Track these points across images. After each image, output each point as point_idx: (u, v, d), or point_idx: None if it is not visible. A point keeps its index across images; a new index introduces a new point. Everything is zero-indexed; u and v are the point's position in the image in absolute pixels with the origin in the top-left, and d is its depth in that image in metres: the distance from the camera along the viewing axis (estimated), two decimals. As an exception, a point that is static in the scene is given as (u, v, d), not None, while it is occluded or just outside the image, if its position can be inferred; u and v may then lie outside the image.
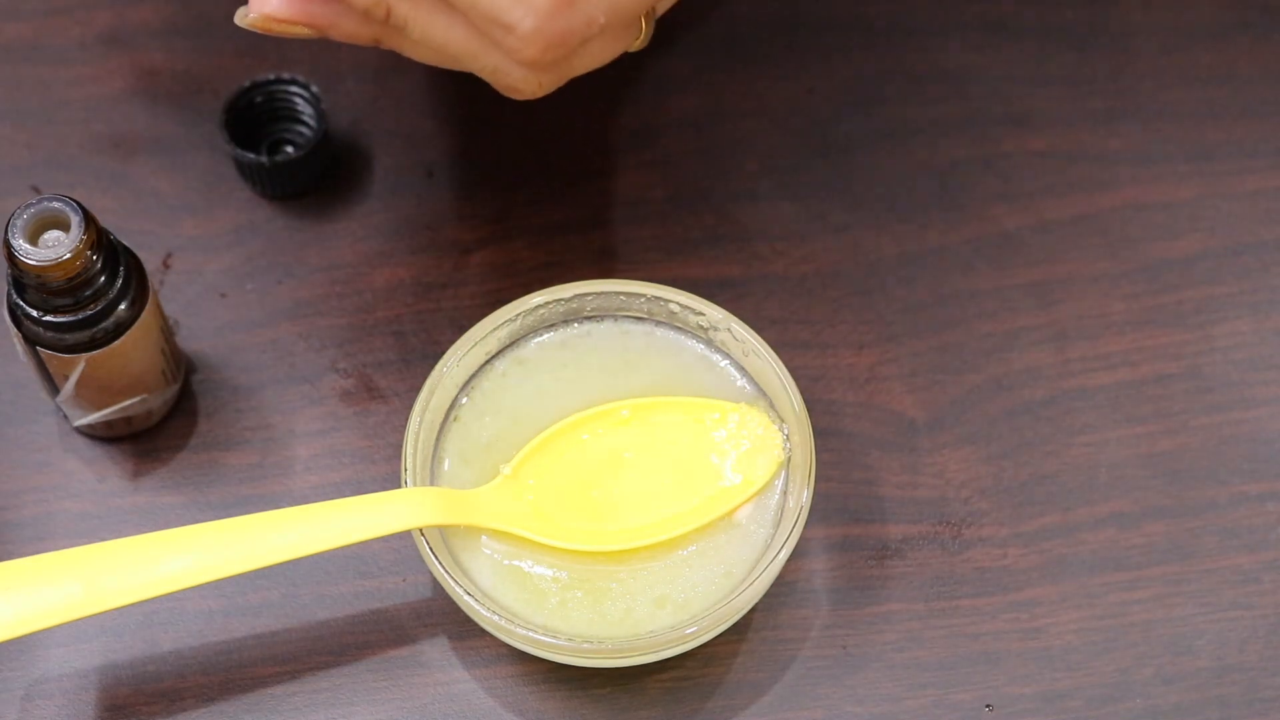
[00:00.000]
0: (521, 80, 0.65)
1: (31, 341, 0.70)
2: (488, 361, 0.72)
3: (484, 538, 0.69)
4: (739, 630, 0.71)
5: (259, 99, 0.79)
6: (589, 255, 0.78)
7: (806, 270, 0.78)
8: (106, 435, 0.75)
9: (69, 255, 0.67)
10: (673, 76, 0.82)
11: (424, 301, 0.78)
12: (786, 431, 0.70)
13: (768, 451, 0.70)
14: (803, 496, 0.68)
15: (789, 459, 0.70)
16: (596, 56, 0.67)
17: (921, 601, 0.72)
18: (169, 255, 0.78)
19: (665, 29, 0.83)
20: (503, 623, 0.67)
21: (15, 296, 0.69)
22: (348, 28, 0.66)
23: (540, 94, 0.67)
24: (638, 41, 0.68)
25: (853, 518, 0.74)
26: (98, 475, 0.74)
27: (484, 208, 0.79)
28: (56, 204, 0.68)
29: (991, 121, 0.81)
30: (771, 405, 0.71)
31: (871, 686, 0.71)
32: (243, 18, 0.67)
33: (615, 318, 0.73)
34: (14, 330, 0.70)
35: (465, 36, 0.65)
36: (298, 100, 0.79)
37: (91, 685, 0.71)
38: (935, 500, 0.74)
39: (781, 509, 0.70)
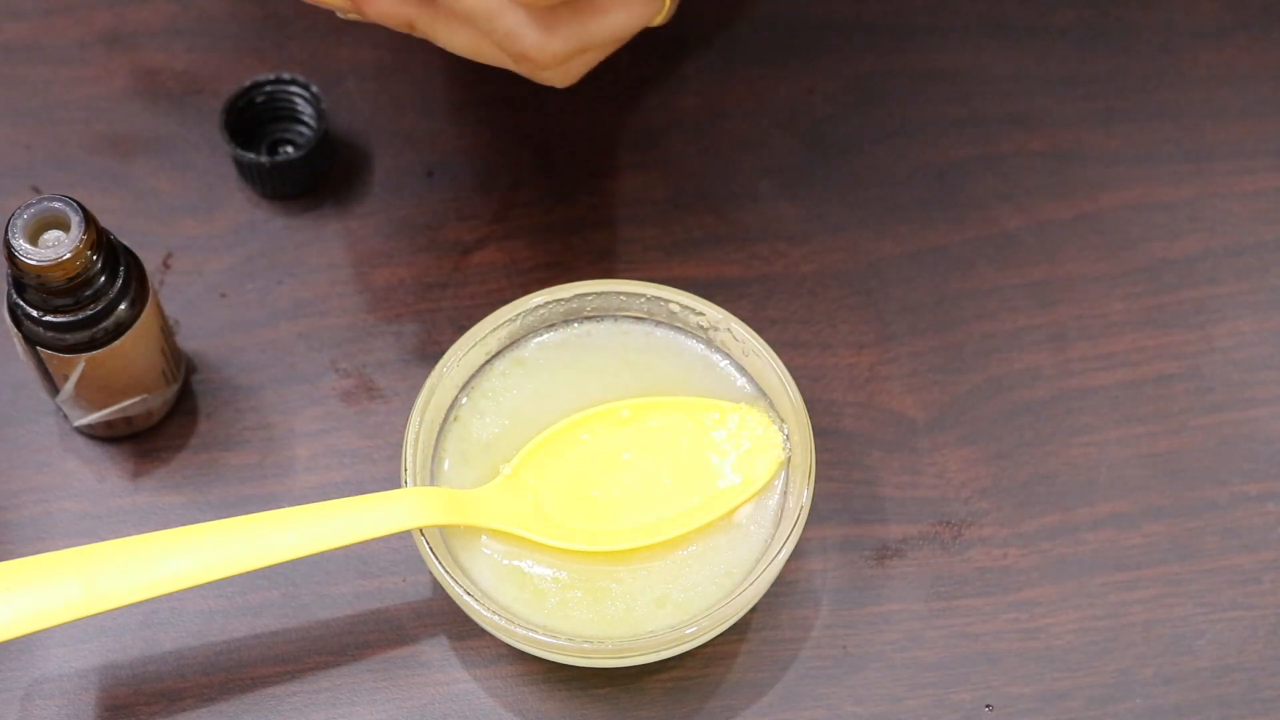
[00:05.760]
0: (534, 44, 0.65)
1: (31, 341, 0.70)
2: (488, 361, 0.72)
3: (484, 538, 0.69)
4: (739, 630, 0.71)
5: (259, 99, 0.79)
6: (589, 255, 0.78)
7: (806, 270, 0.78)
8: (106, 435, 0.75)
9: (69, 255, 0.67)
10: (673, 77, 0.82)
11: (424, 301, 0.78)
12: (786, 431, 0.70)
13: (768, 451, 0.70)
14: (803, 496, 0.68)
15: (789, 459, 0.70)
16: (615, 27, 0.66)
17: (921, 601, 0.72)
18: (169, 255, 0.78)
19: (665, 29, 0.83)
20: (503, 623, 0.67)
21: (15, 296, 0.69)
22: (384, 6, 0.66)
23: (557, 64, 0.66)
24: (660, 15, 0.68)
25: (853, 518, 0.74)
26: (98, 475, 0.74)
27: (484, 208, 0.79)
28: (56, 204, 0.68)
29: (991, 121, 0.81)
30: (771, 405, 0.71)
31: (871, 686, 0.71)
32: None
33: (615, 318, 0.73)
34: (14, 330, 0.70)
35: None
36: (298, 100, 0.79)
37: (91, 685, 0.71)
38: (935, 500, 0.74)
39: (781, 509, 0.70)
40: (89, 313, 0.69)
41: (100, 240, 0.68)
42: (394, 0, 0.66)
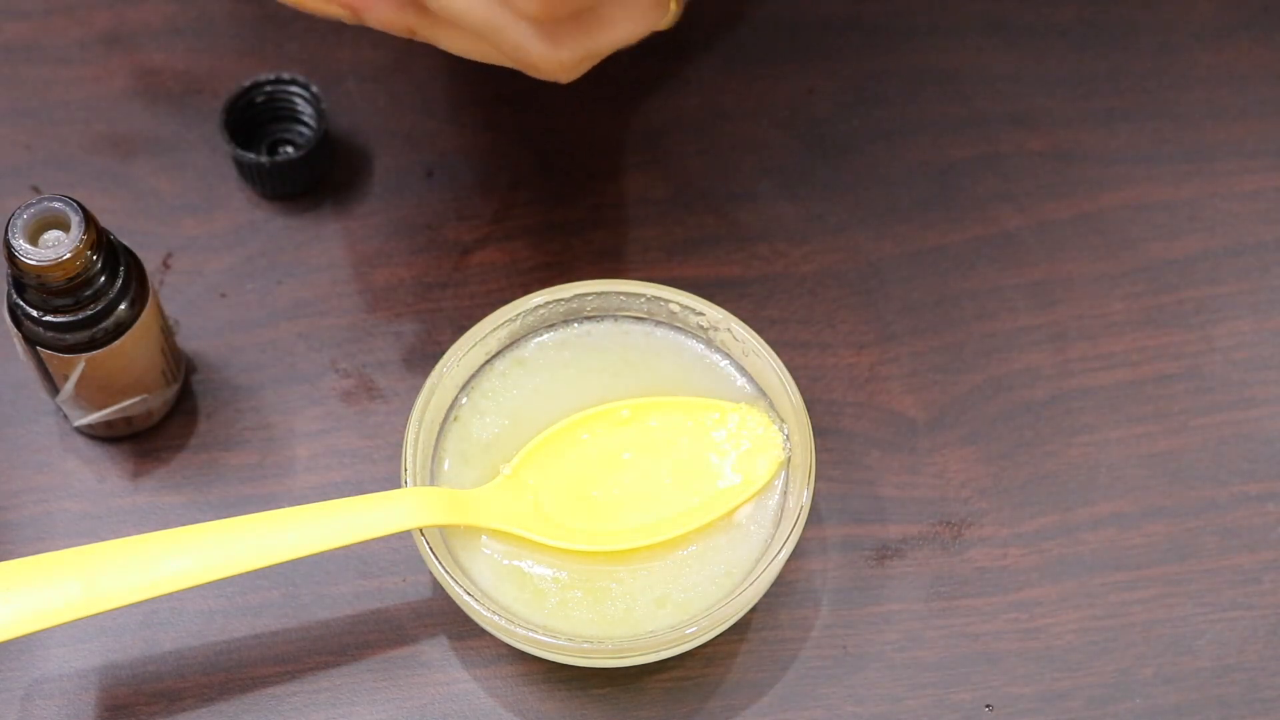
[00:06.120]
0: (540, 56, 0.65)
1: (31, 341, 0.70)
2: (488, 361, 0.72)
3: (484, 538, 0.69)
4: (739, 630, 0.71)
5: (259, 99, 0.79)
6: (589, 255, 0.78)
7: (806, 270, 0.78)
8: (106, 435, 0.75)
9: (69, 255, 0.67)
10: (673, 77, 0.82)
11: (424, 301, 0.78)
12: (786, 431, 0.70)
13: (768, 451, 0.70)
14: (803, 496, 0.68)
15: (789, 459, 0.70)
16: (621, 31, 0.66)
17: (921, 601, 0.72)
18: (169, 255, 0.78)
19: (666, 29, 0.83)
20: (503, 623, 0.67)
21: (15, 296, 0.69)
22: (383, 14, 0.66)
23: (565, 73, 0.66)
24: (666, 19, 0.67)
25: (853, 518, 0.74)
26: (98, 475, 0.74)
27: (484, 208, 0.79)
28: (56, 204, 0.68)
29: (991, 121, 0.81)
30: (771, 405, 0.71)
31: (871, 686, 0.71)
32: None
33: (615, 318, 0.73)
34: (14, 330, 0.70)
35: (484, 5, 0.64)
36: (298, 100, 0.79)
37: (91, 685, 0.71)
38: (935, 500, 0.74)
39: (781, 509, 0.70)
40: (89, 313, 0.69)
41: (100, 240, 0.68)
42: (393, 9, 0.66)
